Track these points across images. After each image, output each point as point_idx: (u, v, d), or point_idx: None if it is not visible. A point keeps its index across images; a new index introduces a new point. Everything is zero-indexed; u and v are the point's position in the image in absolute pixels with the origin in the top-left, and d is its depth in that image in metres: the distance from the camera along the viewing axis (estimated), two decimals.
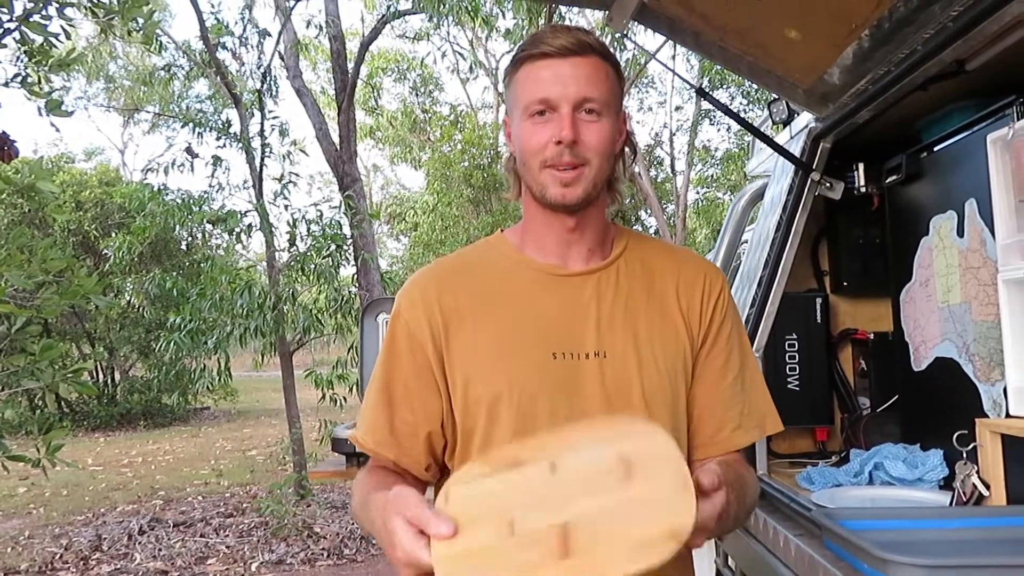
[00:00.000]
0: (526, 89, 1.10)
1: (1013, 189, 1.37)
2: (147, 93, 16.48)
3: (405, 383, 1.14)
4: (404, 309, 1.16)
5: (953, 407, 1.67)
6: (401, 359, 1.14)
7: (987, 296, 1.55)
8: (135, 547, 5.36)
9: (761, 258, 2.18)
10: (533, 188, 1.13)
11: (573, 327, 1.12)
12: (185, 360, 7.66)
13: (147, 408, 12.68)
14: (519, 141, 1.12)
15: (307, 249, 6.56)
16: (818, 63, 1.96)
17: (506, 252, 1.20)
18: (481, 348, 1.12)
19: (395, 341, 1.16)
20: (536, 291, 1.15)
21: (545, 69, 1.09)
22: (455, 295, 1.15)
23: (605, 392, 1.10)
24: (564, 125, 1.06)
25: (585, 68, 1.09)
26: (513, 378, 1.10)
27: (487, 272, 1.18)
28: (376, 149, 21.39)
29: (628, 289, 1.16)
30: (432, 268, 1.22)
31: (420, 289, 1.17)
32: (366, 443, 1.15)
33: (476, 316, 1.13)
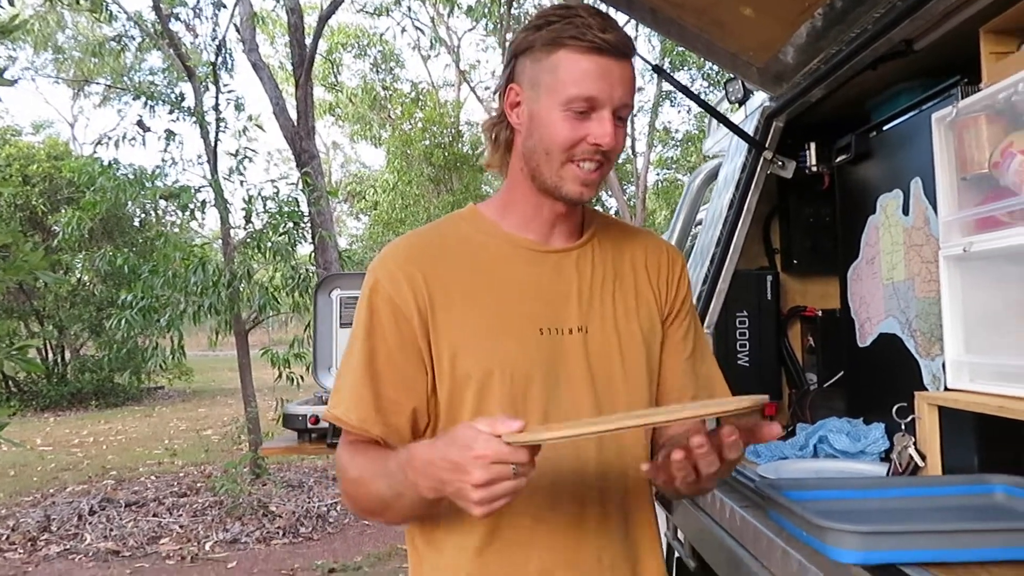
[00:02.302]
0: (570, 80, 1.05)
1: (956, 168, 1.40)
2: (98, 65, 16.01)
3: (389, 358, 1.09)
4: (385, 282, 1.11)
5: (895, 382, 1.71)
6: (384, 333, 1.09)
7: (929, 273, 1.59)
8: (85, 527, 5.27)
9: (714, 236, 2.20)
10: (547, 178, 1.09)
11: (557, 303, 1.13)
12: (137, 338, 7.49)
13: (99, 387, 12.42)
14: (546, 129, 1.07)
15: (263, 226, 6.45)
16: (772, 42, 1.98)
17: (485, 228, 1.17)
18: (469, 323, 1.09)
19: (376, 314, 1.10)
20: (520, 267, 1.14)
21: (593, 64, 1.04)
22: (438, 269, 1.11)
23: (588, 367, 1.12)
24: (608, 131, 1.05)
25: (627, 72, 1.07)
26: (504, 354, 1.09)
27: (468, 247, 1.14)
28: (336, 126, 21.10)
29: (604, 267, 1.18)
30: (408, 241, 1.17)
31: (401, 262, 1.12)
32: (350, 420, 1.09)
33: (462, 291, 1.11)
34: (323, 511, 5.56)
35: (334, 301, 2.63)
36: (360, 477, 1.06)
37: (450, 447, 0.88)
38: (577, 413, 1.11)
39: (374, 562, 4.60)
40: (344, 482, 1.10)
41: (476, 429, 0.87)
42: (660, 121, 17.82)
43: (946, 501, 1.23)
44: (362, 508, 1.09)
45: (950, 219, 1.40)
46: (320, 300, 2.63)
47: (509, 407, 1.08)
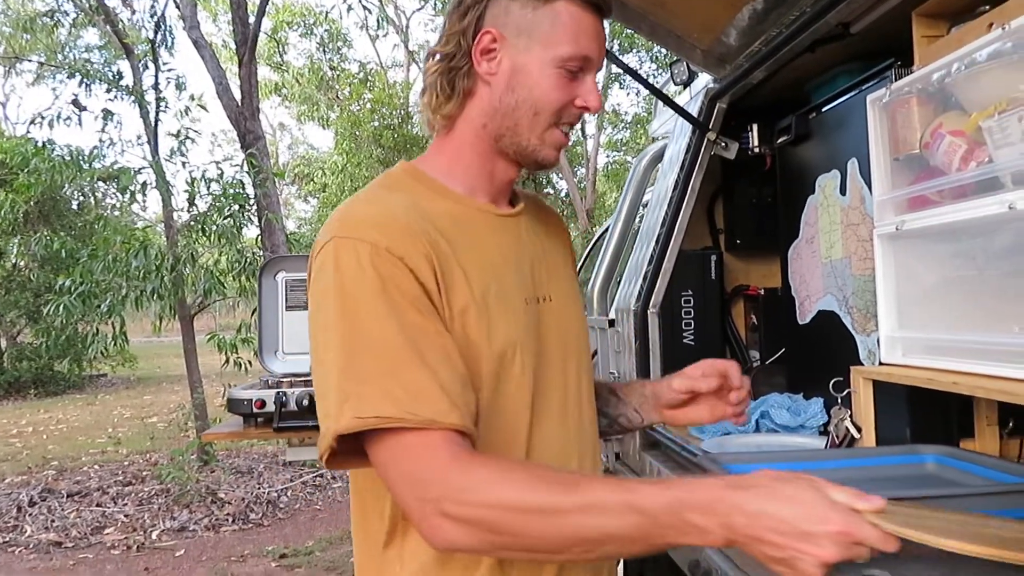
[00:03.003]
0: (570, 35, 0.96)
1: (889, 148, 1.44)
2: (30, 41, 15.38)
3: (429, 334, 0.87)
4: (390, 244, 0.88)
5: (833, 357, 1.76)
6: (413, 300, 0.88)
7: (865, 251, 1.63)
8: (25, 519, 5.13)
9: (659, 217, 2.22)
10: (524, 139, 0.99)
11: (524, 271, 1.04)
12: (77, 325, 7.29)
13: (38, 376, 12.07)
14: (536, 86, 0.97)
15: (208, 209, 6.31)
16: (715, 23, 2.00)
17: (439, 190, 1.01)
18: (472, 298, 0.94)
19: (392, 280, 0.87)
20: (490, 233, 1.02)
21: (591, 22, 0.97)
22: (433, 238, 0.93)
23: (560, 336, 1.06)
24: (596, 94, 0.99)
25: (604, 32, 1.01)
26: (505, 329, 0.96)
27: (435, 212, 0.97)
28: (282, 107, 20.69)
29: (539, 233, 1.13)
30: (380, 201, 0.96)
31: (392, 220, 0.91)
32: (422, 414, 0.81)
33: (458, 261, 0.94)
34: (273, 497, 5.51)
35: (280, 284, 2.59)
36: (549, 505, 0.78)
37: (793, 507, 0.72)
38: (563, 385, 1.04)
39: (326, 546, 4.58)
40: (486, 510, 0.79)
41: (831, 499, 0.73)
42: (610, 103, 17.89)
43: (881, 471, 1.28)
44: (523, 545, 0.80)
45: (884, 198, 1.44)
46: (265, 283, 2.59)
47: (521, 388, 0.96)
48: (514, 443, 0.97)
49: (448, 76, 0.99)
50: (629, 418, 1.23)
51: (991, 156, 1.16)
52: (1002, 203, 1.11)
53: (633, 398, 1.23)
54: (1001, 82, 1.14)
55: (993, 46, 1.14)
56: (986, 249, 1.21)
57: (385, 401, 0.82)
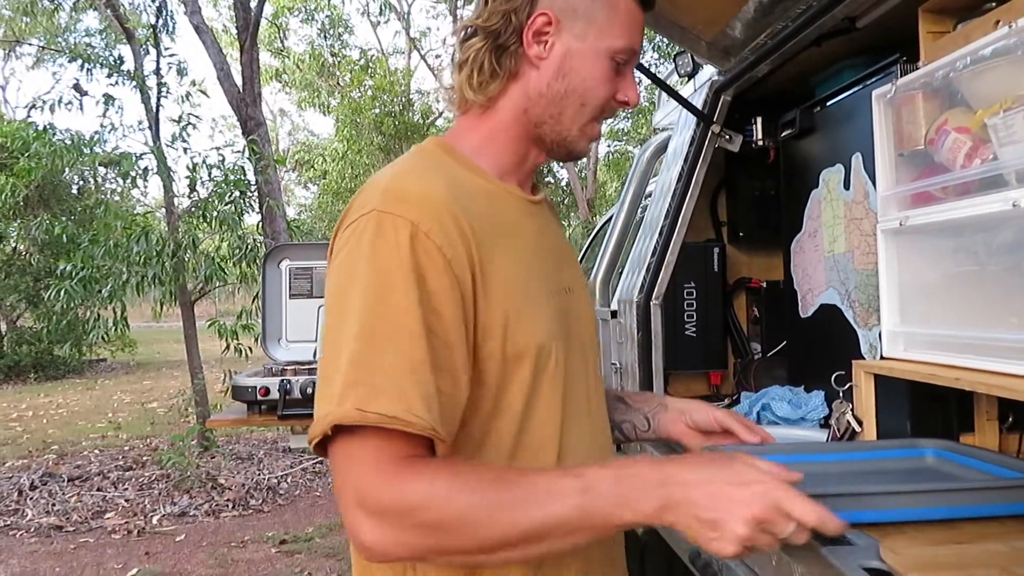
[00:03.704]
0: (624, 28, 0.95)
1: (893, 144, 1.44)
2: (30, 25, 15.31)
3: (446, 335, 0.82)
4: (433, 228, 0.83)
5: (835, 351, 1.77)
6: (439, 299, 0.82)
7: (868, 246, 1.64)
8: (26, 503, 5.16)
9: (663, 209, 2.23)
10: (565, 128, 0.97)
11: (551, 260, 1.01)
12: (78, 310, 7.30)
13: (38, 360, 12.09)
14: (590, 76, 0.95)
15: (209, 195, 6.31)
16: (720, 16, 2.00)
17: (474, 169, 0.97)
18: (512, 285, 0.89)
19: (425, 275, 0.81)
20: (525, 219, 0.98)
21: (639, 15, 0.97)
22: (472, 223, 0.87)
23: (581, 328, 1.03)
24: (636, 90, 0.99)
25: None
26: (545, 324, 0.92)
27: (475, 191, 0.93)
28: (283, 93, 20.65)
29: (556, 223, 1.13)
30: (428, 175, 0.90)
31: (440, 202, 0.85)
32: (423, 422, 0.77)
33: (496, 245, 0.89)
34: (273, 483, 5.53)
35: (283, 272, 2.60)
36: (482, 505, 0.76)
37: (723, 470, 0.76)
38: (586, 378, 1.01)
39: (325, 533, 4.60)
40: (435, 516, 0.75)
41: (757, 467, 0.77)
42: None
43: (880, 464, 1.29)
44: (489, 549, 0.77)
45: (887, 194, 1.45)
46: (269, 271, 2.60)
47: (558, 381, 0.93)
48: (550, 445, 0.93)
49: (495, 54, 0.95)
50: (635, 426, 1.22)
51: (996, 154, 1.16)
52: (1006, 201, 1.12)
53: (645, 406, 1.23)
54: (1007, 80, 1.15)
55: (999, 43, 1.15)
56: (989, 246, 1.22)
57: (395, 400, 0.77)
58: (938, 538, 0.99)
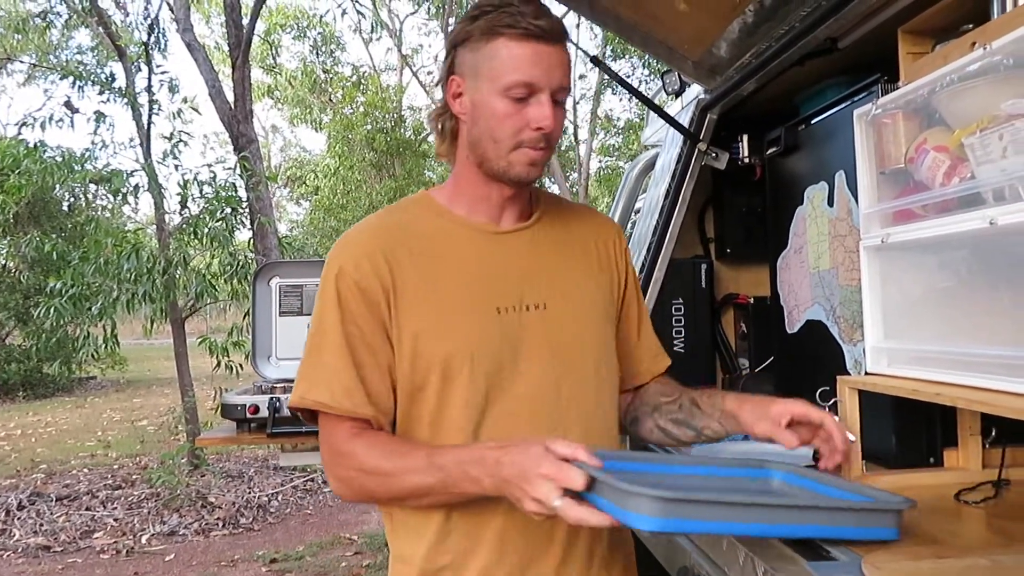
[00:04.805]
0: (506, 67, 1.09)
1: (875, 162, 1.46)
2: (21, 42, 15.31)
3: (366, 343, 1.13)
4: (350, 268, 1.13)
5: (821, 366, 1.79)
6: (356, 318, 1.12)
7: (852, 262, 1.66)
8: (14, 523, 5.11)
9: (651, 225, 2.25)
10: (495, 163, 1.13)
11: (511, 281, 1.17)
12: (68, 327, 7.27)
13: (27, 378, 11.98)
14: (489, 116, 1.11)
15: (200, 212, 6.31)
16: (706, 35, 2.03)
17: (438, 212, 1.20)
18: (430, 307, 1.13)
19: (345, 301, 1.13)
20: (474, 249, 1.18)
21: (529, 50, 1.08)
22: (397, 254, 1.15)
23: (548, 343, 1.17)
24: (548, 114, 1.09)
25: (563, 56, 1.11)
26: (464, 335, 1.12)
27: (424, 232, 1.18)
28: (275, 109, 20.67)
29: (555, 243, 1.23)
30: (368, 227, 1.21)
31: (363, 248, 1.15)
32: (342, 405, 1.11)
33: (421, 275, 1.14)
34: (264, 501, 5.50)
35: (273, 289, 2.60)
36: (386, 470, 1.08)
37: (524, 457, 0.97)
38: (539, 389, 1.16)
39: (316, 551, 4.58)
40: (354, 472, 1.11)
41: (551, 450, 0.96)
42: (602, 109, 17.96)
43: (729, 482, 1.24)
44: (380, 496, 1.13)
45: (870, 211, 1.46)
46: (259, 288, 2.59)
47: (472, 388, 1.12)
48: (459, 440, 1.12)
49: (440, 120, 1.19)
50: (714, 430, 1.27)
51: (973, 172, 1.18)
52: (984, 218, 1.13)
53: (715, 412, 1.26)
54: (983, 100, 1.17)
55: (976, 64, 1.17)
56: (969, 263, 1.24)
57: (323, 391, 1.11)
58: (920, 553, 1.00)
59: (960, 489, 1.33)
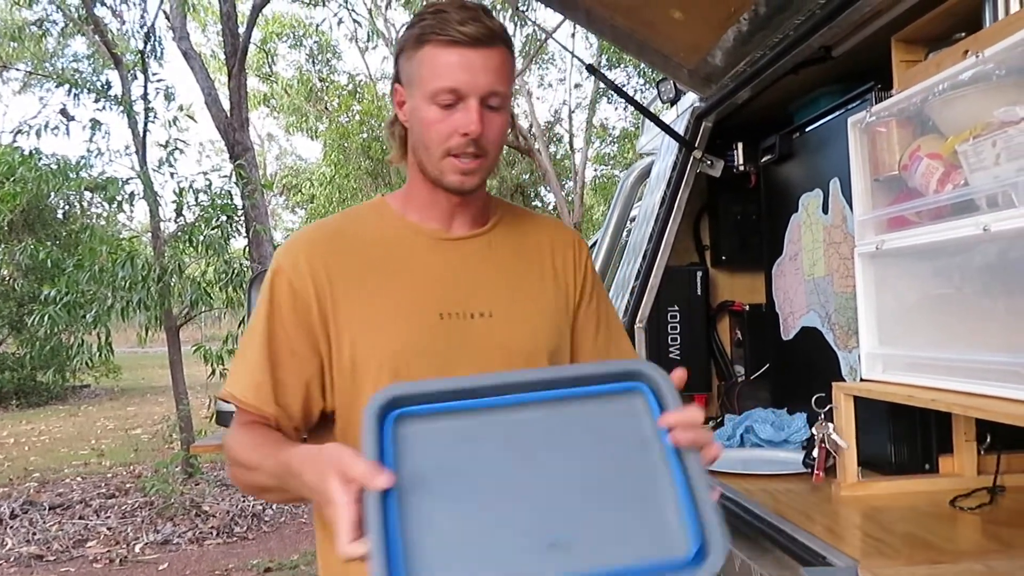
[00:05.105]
0: (433, 74, 1.08)
1: (869, 169, 1.47)
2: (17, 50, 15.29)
3: (288, 342, 1.13)
4: (287, 268, 1.14)
5: (816, 373, 1.79)
6: (283, 317, 1.13)
7: (846, 269, 1.67)
8: (6, 532, 5.07)
9: (646, 232, 2.25)
10: (430, 170, 1.13)
11: (459, 288, 1.16)
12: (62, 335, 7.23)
13: (20, 386, 11.92)
14: (420, 123, 1.11)
15: (195, 219, 6.29)
16: (701, 44, 2.04)
17: (389, 218, 1.20)
18: (368, 311, 1.12)
19: (277, 298, 1.14)
20: (421, 254, 1.17)
21: (455, 56, 1.07)
22: (340, 259, 1.15)
23: (495, 351, 1.14)
24: (473, 120, 1.07)
25: (494, 60, 1.09)
26: (402, 340, 1.12)
27: (371, 236, 1.18)
28: (271, 118, 20.66)
29: (509, 252, 1.22)
30: (315, 230, 1.21)
31: (304, 250, 1.16)
32: (246, 399, 1.12)
33: (363, 279, 1.14)
34: (258, 510, 5.47)
35: None
36: (244, 461, 1.07)
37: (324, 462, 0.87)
38: None
39: (311, 560, 4.55)
40: (230, 462, 1.11)
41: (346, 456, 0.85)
42: (597, 118, 18.00)
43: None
44: (246, 489, 1.13)
45: (864, 218, 1.47)
46: (254, 296, 2.59)
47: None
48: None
49: (392, 127, 1.20)
50: None
51: (967, 179, 1.19)
52: (977, 225, 1.14)
53: None
54: (976, 108, 1.18)
55: (968, 73, 1.18)
56: (963, 269, 1.24)
57: (237, 385, 1.13)
58: (916, 558, 1.00)
59: (955, 495, 1.33)
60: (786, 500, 1.41)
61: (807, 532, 1.16)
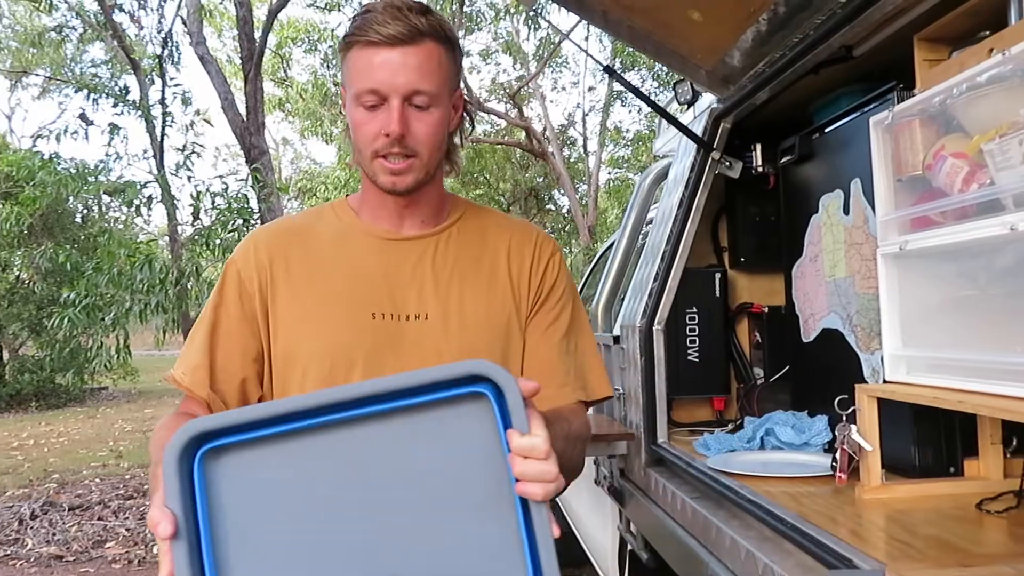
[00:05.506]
0: (356, 76, 1.08)
1: (892, 169, 1.46)
2: (37, 56, 15.48)
3: (228, 329, 1.17)
4: (239, 258, 1.21)
5: (837, 376, 1.77)
6: (228, 305, 1.18)
7: (868, 270, 1.65)
8: (27, 532, 5.12)
9: (664, 234, 2.24)
10: (366, 172, 1.14)
11: (396, 289, 1.16)
12: (80, 338, 7.31)
13: (39, 388, 12.05)
14: (351, 125, 1.12)
15: (212, 223, 6.35)
16: (719, 45, 2.03)
17: (344, 217, 1.23)
18: (305, 307, 1.16)
19: (225, 287, 1.19)
20: (364, 254, 1.18)
21: (375, 56, 1.06)
22: (286, 255, 1.19)
23: (429, 353, 1.12)
24: (393, 119, 1.06)
25: (417, 57, 1.06)
26: (330, 337, 1.14)
27: (321, 235, 1.21)
28: (286, 122, 20.83)
29: (458, 254, 1.20)
30: (274, 225, 1.27)
31: (256, 243, 1.21)
32: (183, 381, 1.15)
33: (303, 277, 1.18)
34: None
35: None
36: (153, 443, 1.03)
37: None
38: None
39: None
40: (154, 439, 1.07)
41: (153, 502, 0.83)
42: (611, 121, 17.99)
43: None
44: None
45: (887, 218, 1.46)
46: None
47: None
48: None
49: (347, 131, 1.19)
50: None
51: (992, 178, 1.18)
52: (1004, 224, 1.13)
53: None
54: (1002, 106, 1.17)
55: (994, 71, 1.17)
56: (988, 269, 1.23)
57: (179, 368, 1.17)
58: (944, 561, 0.99)
59: (982, 498, 1.31)
60: (809, 503, 1.40)
61: (831, 535, 1.14)
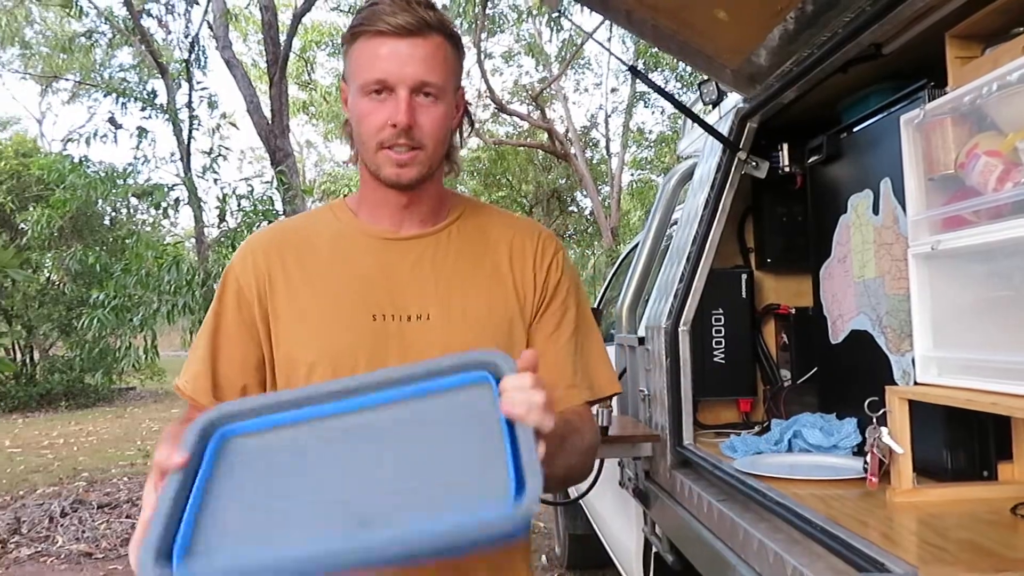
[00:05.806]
0: (363, 66, 1.08)
1: (923, 168, 1.44)
2: (67, 61, 15.74)
3: (228, 336, 1.17)
4: (237, 264, 1.20)
5: (866, 377, 1.75)
6: (228, 312, 1.18)
7: (899, 271, 1.63)
8: (57, 530, 5.20)
9: (689, 235, 2.23)
10: (370, 165, 1.13)
11: (396, 289, 1.14)
12: (109, 338, 7.41)
13: (69, 388, 12.26)
14: (356, 117, 1.12)
15: (238, 225, 6.42)
16: (745, 44, 2.02)
17: (342, 218, 1.21)
18: (305, 310, 1.15)
19: (224, 294, 1.19)
20: (363, 255, 1.17)
21: (383, 47, 1.06)
22: (284, 259, 1.18)
23: (427, 353, 1.07)
24: (401, 110, 1.06)
25: (425, 49, 1.07)
26: (331, 340, 1.13)
27: (320, 237, 1.20)
28: (310, 125, 21.00)
29: (459, 253, 1.18)
30: (271, 229, 1.26)
31: (253, 249, 1.20)
32: (186, 390, 1.16)
33: (302, 280, 1.16)
34: None
35: None
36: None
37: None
38: None
39: None
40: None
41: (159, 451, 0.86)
42: (634, 122, 17.93)
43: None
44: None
45: (918, 218, 1.44)
46: None
47: None
48: None
49: (346, 129, 1.20)
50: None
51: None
52: None
53: None
54: None
55: None
56: (1023, 269, 1.21)
57: (183, 376, 1.18)
58: (979, 565, 0.98)
59: (1017, 503, 1.29)
60: (838, 506, 1.38)
61: (862, 538, 1.13)
